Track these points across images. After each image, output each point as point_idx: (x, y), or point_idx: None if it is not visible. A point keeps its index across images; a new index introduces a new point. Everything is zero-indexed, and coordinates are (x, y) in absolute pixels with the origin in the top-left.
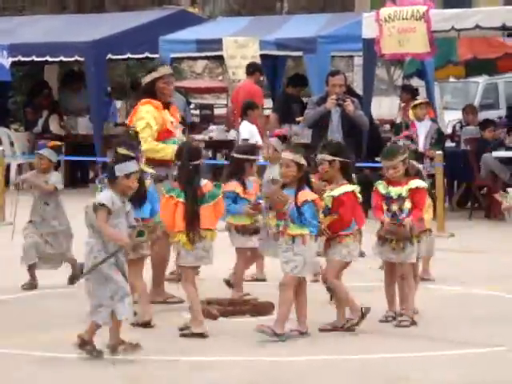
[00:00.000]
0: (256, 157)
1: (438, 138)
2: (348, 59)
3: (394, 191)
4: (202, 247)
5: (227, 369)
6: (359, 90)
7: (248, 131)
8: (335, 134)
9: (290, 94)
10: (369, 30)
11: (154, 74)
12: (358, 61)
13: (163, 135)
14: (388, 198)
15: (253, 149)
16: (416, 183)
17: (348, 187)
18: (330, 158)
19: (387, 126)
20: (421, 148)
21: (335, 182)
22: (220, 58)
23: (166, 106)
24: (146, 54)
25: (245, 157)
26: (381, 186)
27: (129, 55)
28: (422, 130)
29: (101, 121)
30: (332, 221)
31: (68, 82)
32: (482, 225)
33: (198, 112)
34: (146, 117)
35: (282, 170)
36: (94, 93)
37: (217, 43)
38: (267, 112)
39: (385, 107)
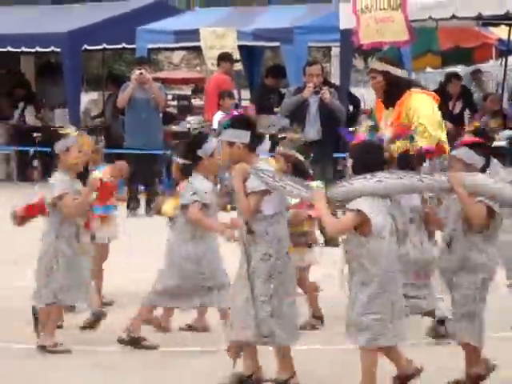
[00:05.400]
0: None
1: None
2: (325, 50)
3: None
4: None
5: None
6: (337, 81)
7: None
8: (313, 124)
9: (268, 85)
10: (346, 21)
11: None
12: (336, 51)
13: None
14: None
15: None
16: None
17: None
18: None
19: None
20: None
21: None
22: (198, 49)
23: None
24: (123, 45)
25: None
26: None
27: (105, 45)
28: None
29: (77, 112)
30: None
31: (45, 73)
32: None
33: (175, 103)
34: None
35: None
36: (70, 84)
37: (194, 34)
38: (245, 103)
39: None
